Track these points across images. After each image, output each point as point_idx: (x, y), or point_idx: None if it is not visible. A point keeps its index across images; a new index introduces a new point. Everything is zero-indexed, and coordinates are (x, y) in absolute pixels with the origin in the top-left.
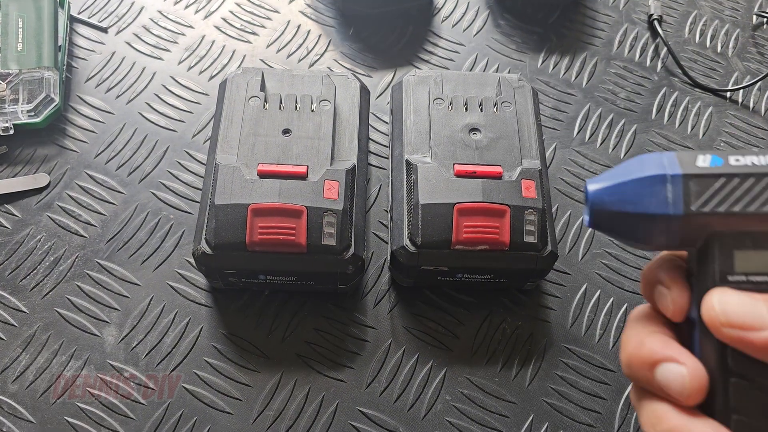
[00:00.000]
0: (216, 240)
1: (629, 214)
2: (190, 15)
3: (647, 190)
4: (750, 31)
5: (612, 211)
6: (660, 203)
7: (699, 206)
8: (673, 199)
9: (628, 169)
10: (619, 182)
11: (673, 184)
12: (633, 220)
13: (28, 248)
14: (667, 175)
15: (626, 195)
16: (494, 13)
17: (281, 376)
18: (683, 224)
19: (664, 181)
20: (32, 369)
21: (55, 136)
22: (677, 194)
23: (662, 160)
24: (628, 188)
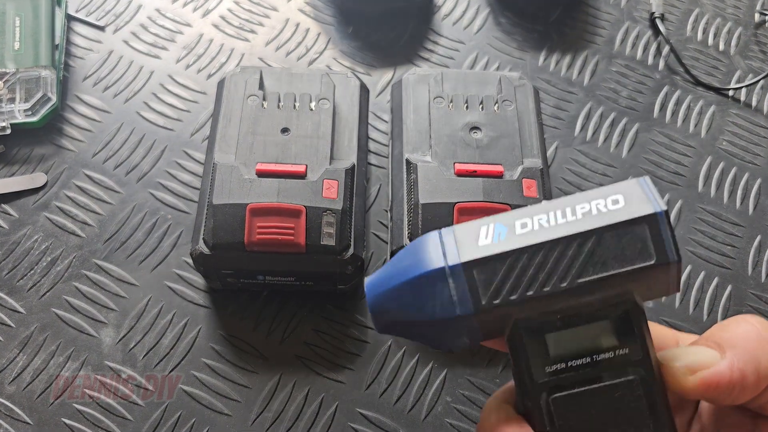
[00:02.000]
0: (214, 240)
1: (416, 321)
2: (188, 13)
3: (427, 291)
4: (752, 29)
5: (396, 319)
6: (445, 306)
7: (490, 299)
8: (459, 298)
9: (405, 263)
10: (395, 285)
11: (454, 278)
12: (422, 326)
13: (25, 248)
14: (445, 269)
15: (406, 300)
16: (495, 11)
17: (280, 378)
18: (479, 322)
19: (443, 277)
20: (29, 370)
21: (52, 135)
22: (462, 291)
23: (439, 245)
24: (407, 292)
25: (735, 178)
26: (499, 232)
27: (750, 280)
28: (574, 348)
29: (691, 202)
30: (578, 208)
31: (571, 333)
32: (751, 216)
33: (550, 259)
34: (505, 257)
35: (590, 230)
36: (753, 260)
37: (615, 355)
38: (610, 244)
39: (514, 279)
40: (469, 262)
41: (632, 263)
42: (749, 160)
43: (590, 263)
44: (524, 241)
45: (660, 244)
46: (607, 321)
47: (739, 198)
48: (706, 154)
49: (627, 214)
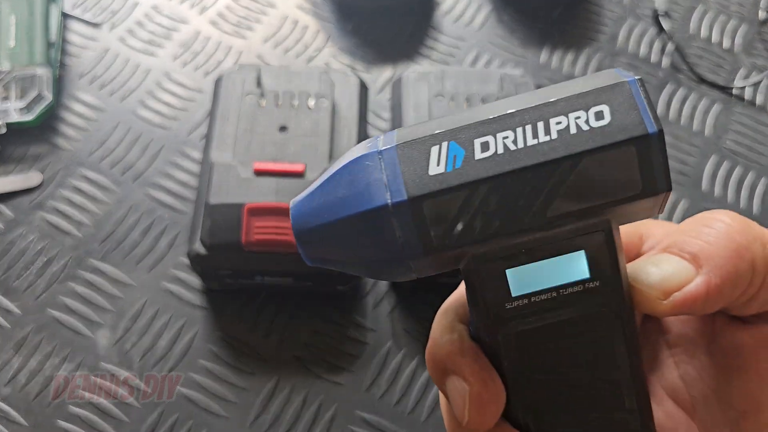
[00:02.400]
0: (211, 240)
1: (354, 261)
2: (185, 10)
3: (368, 231)
4: (757, 26)
5: (331, 256)
6: (390, 248)
7: (442, 239)
8: (405, 240)
9: (340, 193)
10: (328, 221)
11: (398, 217)
12: (362, 266)
13: (21, 249)
14: (388, 204)
15: (342, 240)
16: (496, 8)
17: (278, 380)
18: (430, 262)
19: (386, 216)
20: (25, 371)
21: (48, 134)
22: (409, 231)
23: (381, 170)
24: (343, 230)
25: (739, 177)
26: (454, 155)
27: None
28: (538, 282)
29: (695, 202)
30: (553, 124)
31: (536, 267)
32: (756, 215)
33: (514, 193)
34: (461, 191)
35: (565, 157)
36: None
37: (584, 288)
38: (588, 174)
39: (470, 216)
40: (417, 197)
41: (614, 195)
42: (754, 159)
43: (563, 195)
44: (484, 170)
45: (649, 172)
46: (578, 252)
47: (744, 197)
48: (710, 153)
49: (612, 135)
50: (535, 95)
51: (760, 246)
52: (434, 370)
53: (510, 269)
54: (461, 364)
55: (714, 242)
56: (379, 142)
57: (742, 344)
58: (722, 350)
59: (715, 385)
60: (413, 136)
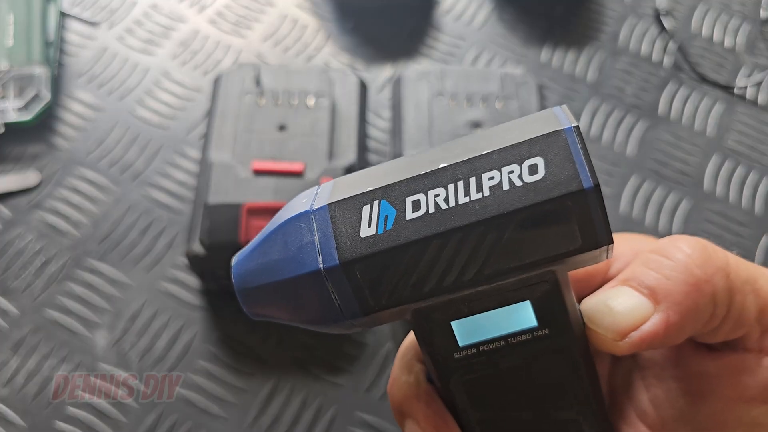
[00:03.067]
0: (210, 240)
1: (296, 320)
2: (184, 9)
3: (305, 295)
4: (759, 25)
5: (271, 313)
6: (327, 310)
7: (379, 299)
8: (342, 302)
9: (275, 255)
10: (266, 283)
11: (333, 282)
12: (304, 323)
13: (19, 249)
14: (320, 270)
15: (281, 301)
16: (497, 7)
17: (278, 381)
18: (371, 321)
19: (321, 281)
20: (23, 372)
21: (45, 133)
22: (345, 294)
23: (313, 233)
24: (280, 293)
25: (742, 177)
26: (386, 215)
27: None
28: (485, 332)
29: (696, 201)
30: (485, 179)
31: (481, 318)
32: (758, 215)
33: (448, 253)
34: (392, 253)
35: (498, 216)
36: (759, 261)
37: (533, 336)
38: (524, 231)
39: (405, 277)
40: (349, 262)
41: (554, 250)
42: (756, 158)
43: (500, 253)
44: (415, 232)
45: (587, 226)
46: (523, 303)
47: (746, 197)
48: (712, 153)
49: (547, 192)
50: (472, 142)
51: (722, 277)
52: (394, 410)
53: (455, 321)
54: (416, 409)
55: (673, 276)
56: (316, 197)
57: (707, 371)
58: (688, 376)
59: (682, 408)
60: (346, 194)
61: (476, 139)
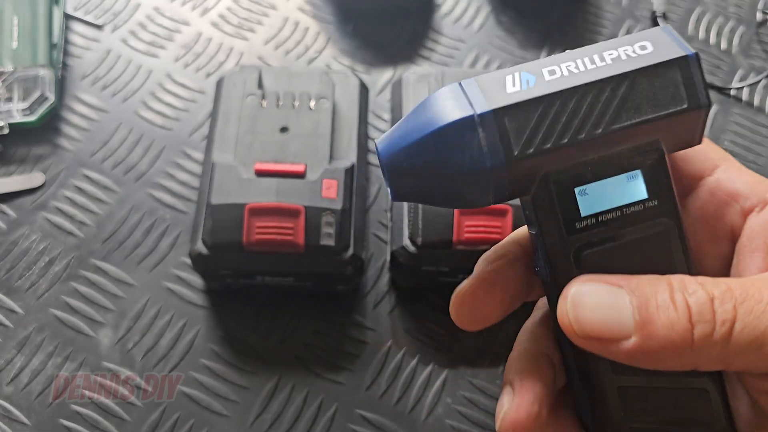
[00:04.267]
0: (212, 240)
1: (440, 176)
2: (187, 12)
3: (456, 142)
4: (754, 28)
5: (416, 178)
6: (475, 158)
7: (524, 148)
8: (490, 148)
9: (425, 115)
10: (417, 139)
11: (484, 127)
12: (446, 182)
13: (23, 249)
14: (474, 117)
15: (430, 155)
16: (495, 10)
17: (279, 379)
18: (509, 174)
19: (473, 127)
20: (27, 371)
21: (50, 135)
22: (493, 140)
23: (464, 93)
24: (431, 144)
25: None
26: (527, 79)
27: None
28: (604, 203)
29: None
30: (606, 55)
31: (601, 185)
32: None
33: (583, 105)
34: (538, 103)
35: (623, 74)
36: None
37: (645, 207)
38: (643, 89)
39: (547, 126)
40: (499, 109)
41: (665, 108)
42: (752, 159)
43: (624, 108)
44: (556, 86)
45: (692, 88)
46: (636, 171)
47: None
48: None
49: (658, 57)
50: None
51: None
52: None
53: (578, 187)
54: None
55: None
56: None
57: None
58: None
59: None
60: (489, 76)
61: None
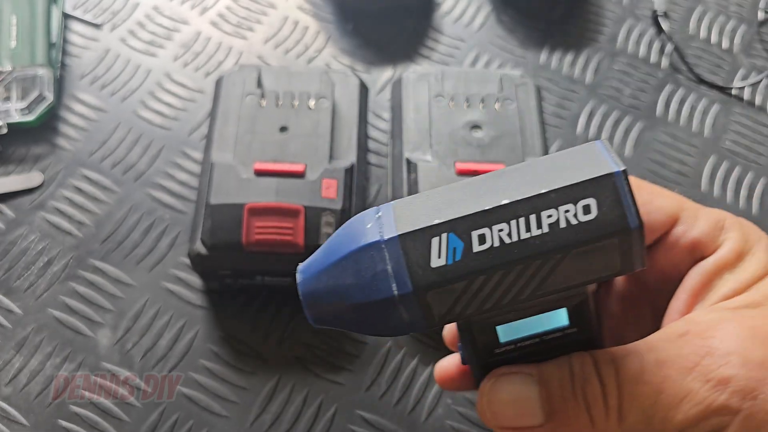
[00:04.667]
0: (212, 240)
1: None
2: (186, 11)
3: (377, 316)
4: (756, 27)
5: (335, 326)
6: (398, 327)
7: (444, 317)
8: (410, 321)
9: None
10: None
11: (405, 305)
12: (367, 333)
13: (22, 249)
14: (395, 296)
15: (350, 318)
16: (496, 9)
17: (279, 379)
18: (431, 329)
19: (393, 305)
20: (26, 371)
21: (48, 134)
22: (415, 315)
23: (387, 264)
24: (351, 312)
25: (738, 178)
26: (454, 247)
27: None
28: (524, 331)
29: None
30: (544, 217)
31: (523, 323)
32: (755, 216)
33: (510, 280)
34: (461, 281)
35: (556, 250)
36: None
37: (564, 334)
38: (575, 262)
39: (469, 299)
40: (421, 289)
41: (595, 275)
42: (753, 159)
43: (551, 279)
44: (482, 263)
45: (628, 257)
46: (560, 309)
47: (743, 197)
48: (709, 153)
49: (598, 230)
50: (528, 175)
51: None
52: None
53: (499, 325)
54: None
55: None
56: (382, 226)
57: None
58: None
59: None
60: (413, 226)
61: (531, 171)
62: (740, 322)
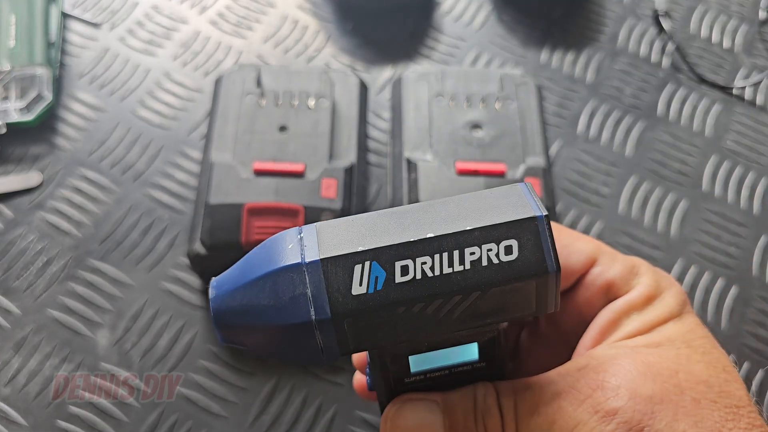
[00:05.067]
0: (211, 240)
1: (271, 354)
2: (185, 10)
3: (290, 341)
4: (757, 26)
5: (246, 344)
6: (311, 351)
7: (359, 345)
8: (324, 346)
9: (263, 301)
10: (252, 323)
11: (320, 330)
12: (278, 357)
13: (21, 249)
14: (312, 321)
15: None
16: (496, 8)
17: (278, 380)
18: (343, 353)
19: (310, 328)
20: (24, 372)
21: (47, 134)
22: (330, 341)
23: (305, 285)
24: (264, 333)
25: (740, 178)
26: (376, 276)
27: (755, 281)
28: (434, 363)
29: (695, 202)
30: (467, 254)
31: (435, 354)
32: (756, 216)
33: (428, 313)
34: (381, 311)
35: (475, 287)
36: (758, 261)
37: (473, 368)
38: (492, 300)
39: (387, 329)
40: (340, 315)
41: (511, 313)
42: (754, 159)
43: (468, 314)
44: (403, 294)
45: (544, 299)
46: (472, 344)
47: (744, 197)
48: (710, 153)
49: (518, 271)
50: (455, 210)
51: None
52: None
53: (412, 355)
54: None
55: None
56: (304, 248)
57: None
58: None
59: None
60: (337, 250)
61: (458, 207)
62: (635, 358)
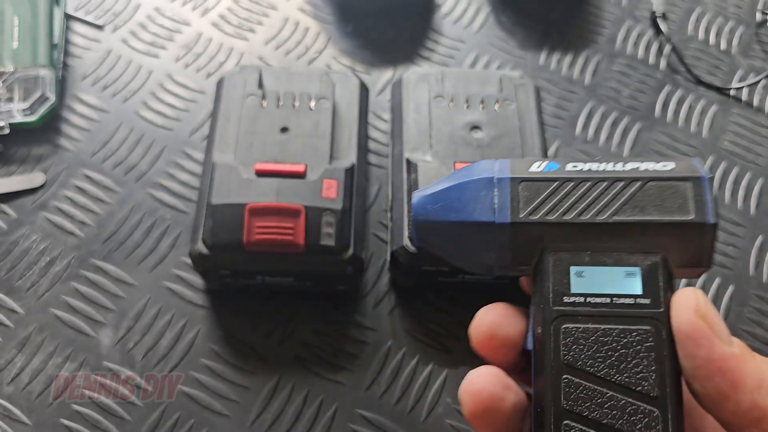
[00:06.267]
0: (213, 240)
1: (452, 224)
2: (187, 12)
3: (472, 195)
4: (754, 28)
5: (434, 222)
6: (485, 210)
7: (527, 213)
8: (499, 205)
9: (457, 175)
10: (443, 188)
11: (499, 187)
12: (457, 231)
13: (24, 248)
14: (494, 178)
15: (450, 201)
16: (495, 10)
17: (279, 379)
18: (512, 235)
19: (490, 185)
20: (28, 371)
21: (50, 135)
22: (504, 199)
23: (494, 165)
24: (453, 194)
25: (737, 179)
26: (551, 166)
27: (752, 280)
28: (595, 287)
29: None
30: (629, 163)
31: (598, 271)
32: (753, 216)
33: (591, 193)
34: (551, 182)
35: (636, 177)
36: (755, 261)
37: (635, 302)
38: (652, 192)
39: (554, 201)
40: (516, 177)
41: (670, 214)
42: (751, 159)
43: (629, 204)
44: (572, 174)
45: (701, 204)
46: (634, 268)
47: (741, 198)
48: (707, 154)
49: (674, 173)
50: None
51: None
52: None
53: (574, 266)
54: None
55: None
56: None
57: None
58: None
59: None
60: (522, 160)
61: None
62: None
